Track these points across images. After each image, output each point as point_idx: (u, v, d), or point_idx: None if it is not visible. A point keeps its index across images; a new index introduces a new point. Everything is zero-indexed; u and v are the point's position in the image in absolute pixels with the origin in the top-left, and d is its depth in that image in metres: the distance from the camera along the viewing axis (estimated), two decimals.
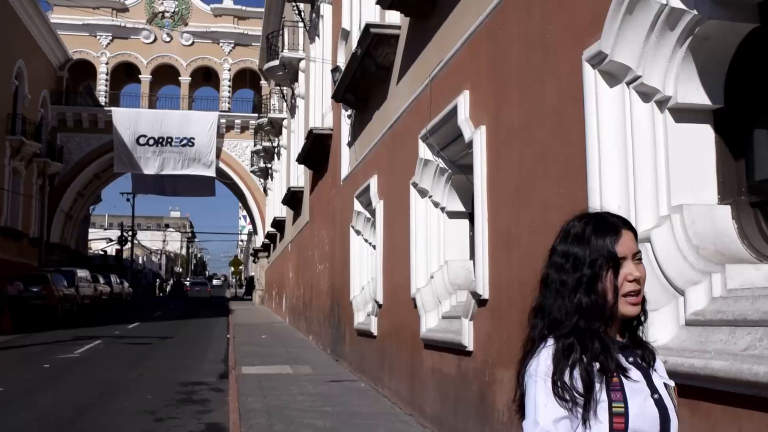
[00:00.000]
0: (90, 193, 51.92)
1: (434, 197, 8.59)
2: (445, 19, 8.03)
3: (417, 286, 8.63)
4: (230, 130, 49.19)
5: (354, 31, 13.65)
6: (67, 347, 18.60)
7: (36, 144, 40.60)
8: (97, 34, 48.56)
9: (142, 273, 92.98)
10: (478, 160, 6.72)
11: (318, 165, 19.20)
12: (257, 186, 48.42)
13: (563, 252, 2.02)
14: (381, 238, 11.12)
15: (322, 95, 18.94)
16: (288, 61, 26.18)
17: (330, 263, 16.90)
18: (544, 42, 5.48)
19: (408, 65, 9.74)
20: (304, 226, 22.94)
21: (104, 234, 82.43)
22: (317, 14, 19.76)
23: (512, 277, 6.04)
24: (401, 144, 9.87)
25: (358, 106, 13.11)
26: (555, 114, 5.27)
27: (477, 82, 6.97)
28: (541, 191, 5.51)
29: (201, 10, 50.45)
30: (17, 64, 38.87)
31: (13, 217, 38.46)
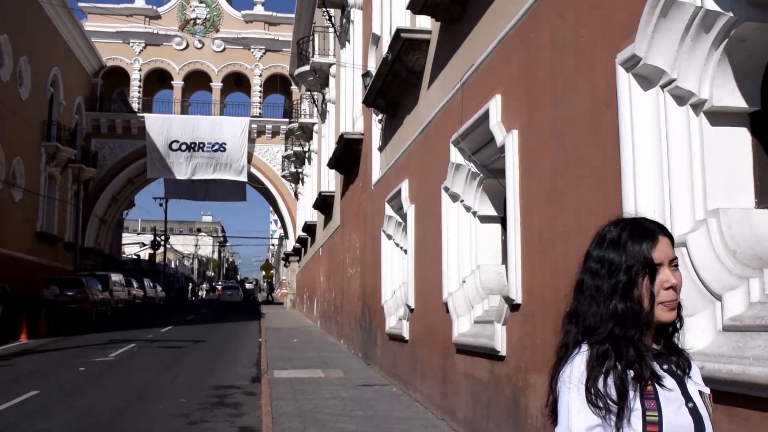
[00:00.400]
0: (124, 198, 52.53)
1: (466, 201, 8.57)
2: (476, 24, 8.02)
3: (449, 291, 8.62)
4: (261, 135, 49.49)
5: (384, 36, 13.67)
6: (102, 350, 18.82)
7: (71, 150, 41.18)
8: (130, 42, 49.15)
9: (174, 277, 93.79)
10: (510, 164, 6.71)
11: (349, 169, 19.26)
12: (288, 190, 48.65)
13: (598, 257, 2.01)
14: (412, 242, 11.11)
15: (353, 100, 18.99)
16: (318, 66, 26.29)
17: (361, 267, 16.93)
18: (577, 45, 5.46)
19: (439, 70, 9.74)
20: (335, 230, 23.00)
21: (137, 238, 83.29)
22: (347, 19, 19.82)
23: (545, 281, 6.01)
24: (432, 148, 9.87)
25: (388, 111, 13.12)
26: (588, 118, 5.25)
27: (509, 86, 6.95)
28: (574, 196, 5.48)
29: (232, 16, 50.84)
30: (53, 71, 39.48)
31: (49, 222, 39.03)
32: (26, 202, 35.41)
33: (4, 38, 31.98)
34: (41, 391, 12.21)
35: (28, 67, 35.25)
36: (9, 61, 32.75)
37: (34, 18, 35.90)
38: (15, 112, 32.82)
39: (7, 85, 32.49)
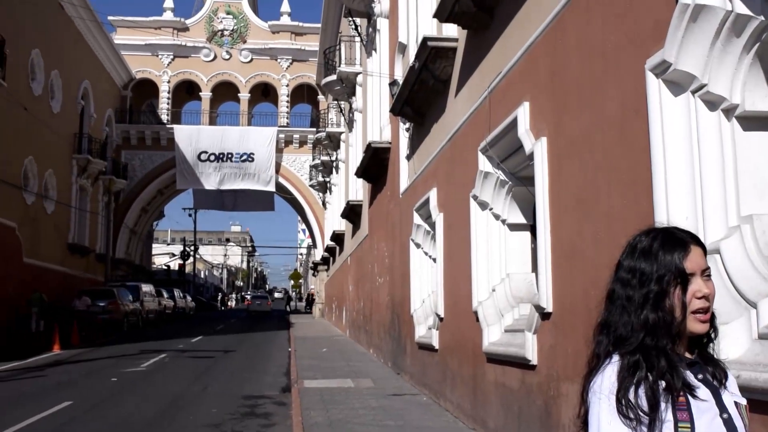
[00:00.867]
0: (153, 209, 53.02)
1: (495, 209, 8.54)
2: (503, 31, 8.01)
3: (479, 299, 8.58)
4: (289, 144, 49.74)
5: (411, 44, 13.68)
6: (134, 361, 18.97)
7: (101, 162, 41.66)
8: (158, 54, 49.70)
9: (204, 287, 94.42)
10: (539, 171, 6.67)
11: (376, 178, 19.28)
12: (316, 200, 48.82)
13: (630, 267, 1.99)
14: (441, 251, 11.09)
15: (380, 109, 19.03)
16: (345, 75, 26.39)
17: (390, 276, 16.92)
18: (605, 51, 5.43)
19: (466, 78, 9.73)
20: (363, 239, 23.02)
21: (167, 249, 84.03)
22: (374, 29, 19.88)
23: (576, 290, 5.97)
24: (460, 156, 9.85)
25: (416, 119, 13.13)
26: (617, 124, 5.21)
27: (537, 94, 6.92)
28: (604, 202, 5.44)
29: (259, 27, 51.21)
30: (83, 84, 40.01)
31: (80, 233, 39.49)
32: (58, 214, 35.86)
33: (36, 53, 32.47)
34: (74, 402, 12.33)
35: (59, 80, 35.75)
36: (41, 75, 33.25)
37: (65, 32, 36.43)
38: (47, 126, 33.29)
39: (39, 99, 32.97)
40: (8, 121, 28.89)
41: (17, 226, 30.30)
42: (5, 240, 28.85)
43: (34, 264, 32.16)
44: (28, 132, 31.17)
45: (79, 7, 36.41)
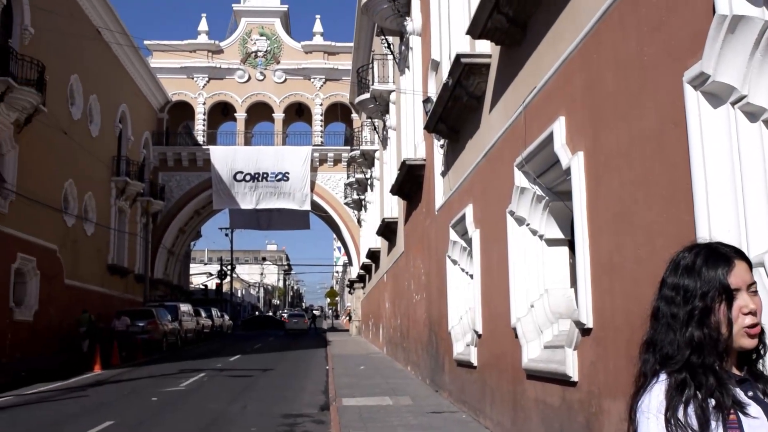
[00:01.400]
0: (191, 229, 53.61)
1: (532, 225, 8.49)
2: (537, 46, 8.00)
3: (517, 316, 8.53)
4: (323, 163, 50.02)
5: (444, 61, 13.71)
6: (173, 380, 19.12)
7: (139, 184, 42.26)
8: (194, 76, 50.39)
9: (241, 306, 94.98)
10: (576, 186, 6.63)
11: (411, 195, 19.29)
12: (351, 217, 48.97)
13: (673, 284, 1.98)
14: (478, 267, 11.05)
15: (414, 126, 19.06)
16: (378, 93, 26.51)
17: (426, 293, 16.89)
18: (641, 64, 5.39)
19: (500, 93, 9.72)
20: (399, 256, 23.02)
21: (204, 269, 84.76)
22: (406, 46, 19.96)
23: (616, 305, 5.91)
24: (496, 172, 9.83)
25: (450, 136, 13.13)
26: (656, 137, 5.16)
27: (572, 108, 6.89)
28: (643, 217, 5.39)
29: (292, 47, 51.70)
30: (121, 108, 40.70)
31: (120, 254, 40.03)
32: (98, 236, 36.40)
33: (75, 78, 33.12)
34: (116, 421, 12.45)
35: (98, 104, 36.41)
36: (80, 99, 33.89)
37: (103, 57, 37.12)
38: (86, 149, 33.87)
39: (78, 123, 33.58)
40: (49, 145, 29.47)
41: (58, 249, 30.83)
42: (47, 262, 29.34)
43: (75, 285, 32.66)
44: (67, 155, 31.76)
45: (117, 33, 37.10)
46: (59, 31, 29.58)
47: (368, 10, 21.40)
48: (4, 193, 25.97)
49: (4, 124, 26.00)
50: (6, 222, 25.88)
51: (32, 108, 26.94)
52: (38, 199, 27.92)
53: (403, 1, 19.57)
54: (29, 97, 26.41)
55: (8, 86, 25.12)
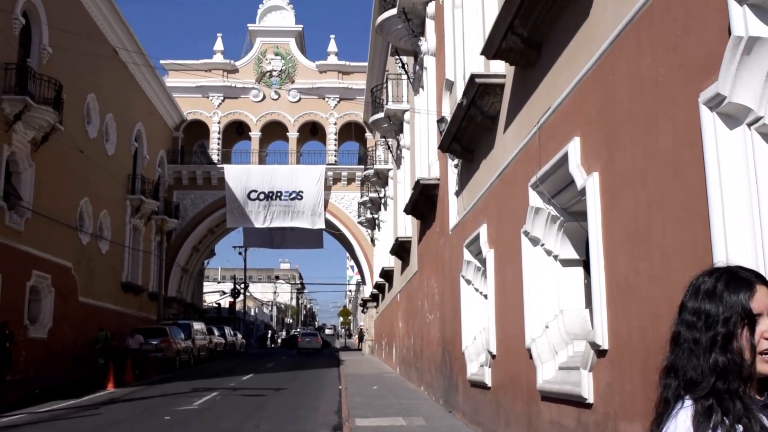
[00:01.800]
0: (204, 247, 53.77)
1: (546, 245, 8.47)
2: (552, 67, 8.01)
3: (532, 336, 8.48)
4: (337, 182, 50.14)
5: (458, 81, 13.75)
6: (186, 399, 19.10)
7: (154, 202, 42.49)
8: (209, 95, 50.74)
9: (254, 324, 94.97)
10: (592, 207, 6.62)
11: (425, 215, 19.29)
12: (364, 236, 48.98)
13: (694, 309, 1.96)
14: (492, 287, 11.02)
15: (428, 145, 19.10)
16: (393, 113, 26.58)
17: (440, 313, 16.84)
18: (657, 85, 5.39)
19: (514, 113, 9.73)
20: (412, 276, 22.98)
21: (218, 287, 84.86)
22: (420, 66, 20.05)
23: (632, 326, 5.87)
24: (510, 192, 9.82)
25: (464, 156, 13.14)
26: (671, 158, 5.15)
27: (587, 128, 6.89)
28: (659, 237, 5.37)
29: (307, 67, 52.01)
30: (137, 126, 41.01)
31: (134, 272, 40.18)
32: (112, 254, 36.57)
33: (91, 97, 33.42)
34: None
35: (113, 123, 36.69)
36: (96, 118, 34.17)
37: (119, 76, 37.47)
38: (102, 167, 34.11)
39: (94, 142, 33.84)
40: (65, 163, 29.70)
41: (73, 266, 30.99)
42: (62, 280, 29.49)
43: (89, 303, 32.79)
44: (83, 174, 31.99)
45: (133, 53, 37.43)
46: (77, 50, 29.89)
47: (383, 30, 21.52)
48: (21, 211, 26.16)
49: (21, 143, 26.24)
50: (22, 240, 26.05)
51: (49, 126, 27.19)
52: (54, 217, 28.10)
53: (417, 22, 19.67)
54: (46, 116, 26.67)
55: (26, 105, 25.38)
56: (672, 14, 5.15)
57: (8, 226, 25.22)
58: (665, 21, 5.25)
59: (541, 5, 7.80)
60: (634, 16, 5.77)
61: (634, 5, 5.76)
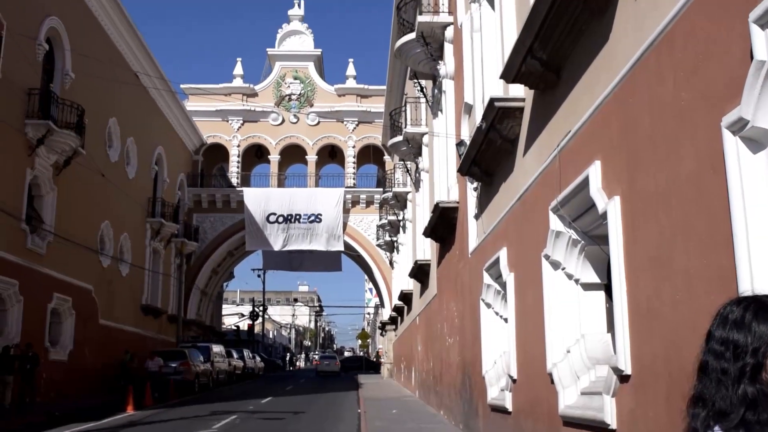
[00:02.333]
0: (224, 270, 53.93)
1: (567, 269, 8.42)
2: (571, 90, 8.02)
3: (553, 361, 8.42)
4: (356, 205, 50.22)
5: (477, 104, 13.78)
6: (206, 422, 19.07)
7: (174, 225, 42.72)
8: (229, 119, 51.12)
9: (272, 347, 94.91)
10: (613, 231, 6.59)
11: (444, 238, 19.27)
12: (383, 259, 48.95)
13: (722, 339, 1.95)
14: (513, 311, 10.96)
15: (447, 168, 19.11)
16: (411, 136, 26.64)
17: (460, 336, 16.77)
18: (678, 109, 5.38)
19: (534, 137, 9.73)
20: (431, 299, 22.92)
21: (237, 309, 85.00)
22: (439, 90, 20.11)
23: (655, 351, 5.82)
24: (530, 215, 9.80)
25: (483, 179, 13.13)
26: (694, 182, 5.13)
27: (608, 152, 6.88)
28: (682, 262, 5.33)
29: (325, 91, 52.30)
30: (157, 150, 41.36)
31: (153, 295, 40.35)
32: (132, 277, 36.76)
33: (113, 121, 33.77)
34: None
35: (134, 147, 37.04)
36: (117, 142, 34.51)
37: (141, 101, 37.87)
38: (123, 191, 34.39)
39: (115, 165, 34.15)
40: (86, 187, 29.97)
41: (94, 289, 31.16)
42: (83, 302, 29.66)
43: (110, 325, 32.95)
44: (104, 197, 32.26)
45: (154, 78, 37.84)
46: (99, 75, 30.25)
47: (401, 54, 21.62)
48: (43, 234, 26.39)
49: (43, 167, 26.53)
50: (43, 262, 26.26)
51: (71, 151, 27.49)
52: (75, 240, 28.30)
53: (435, 46, 19.77)
54: (69, 140, 26.97)
55: (48, 129, 25.68)
56: (693, 38, 5.15)
57: (30, 249, 25.45)
58: (686, 45, 5.25)
59: (560, 29, 7.82)
60: (654, 40, 5.78)
61: (654, 29, 5.77)
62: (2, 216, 22.91)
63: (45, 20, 26.56)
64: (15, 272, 24.13)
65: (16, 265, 24.29)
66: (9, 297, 24.02)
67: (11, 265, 23.93)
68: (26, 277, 24.81)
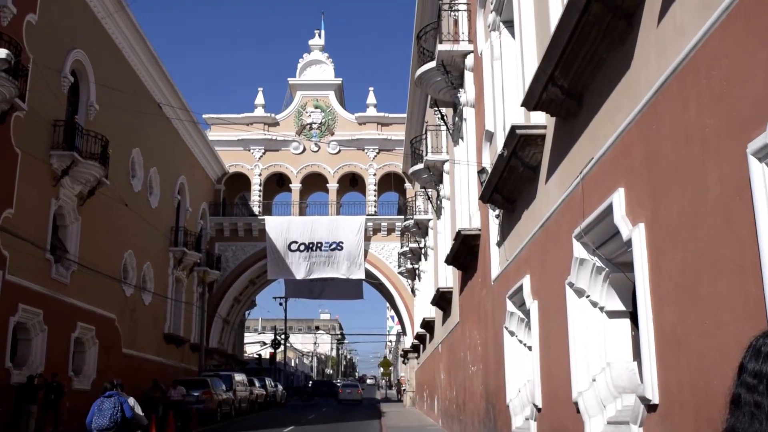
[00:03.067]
0: (245, 298, 54.01)
1: (592, 297, 8.36)
2: (593, 118, 8.01)
3: (578, 390, 8.34)
4: (377, 232, 50.22)
5: (498, 132, 13.80)
6: None
7: (196, 254, 42.91)
8: (250, 148, 51.46)
9: (294, 375, 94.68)
10: (638, 258, 6.55)
11: (467, 265, 19.21)
12: (405, 286, 48.82)
13: (755, 371, 1.93)
14: (537, 339, 10.88)
15: (468, 196, 19.10)
16: (432, 163, 26.69)
17: (483, 364, 16.65)
18: (702, 135, 5.36)
19: (556, 164, 9.71)
20: (454, 326, 22.81)
21: (258, 337, 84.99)
22: (460, 117, 20.16)
23: (682, 380, 5.75)
24: (553, 243, 9.76)
25: (506, 206, 13.11)
26: (719, 209, 5.10)
27: (632, 179, 6.85)
28: (708, 289, 5.28)
29: (346, 119, 52.56)
30: (180, 180, 41.68)
31: (176, 323, 40.46)
32: (155, 305, 36.91)
33: (136, 151, 34.13)
34: None
35: (157, 176, 37.37)
36: (141, 172, 34.85)
37: (163, 131, 38.27)
38: (146, 220, 34.65)
39: (138, 195, 34.45)
40: (110, 216, 30.24)
41: (117, 318, 31.31)
42: (105, 331, 29.80)
43: (132, 354, 33.04)
44: (127, 226, 32.52)
45: (177, 108, 38.26)
46: (123, 106, 30.64)
47: (421, 82, 21.73)
48: (67, 263, 26.61)
49: (68, 197, 26.81)
50: (67, 292, 26.45)
51: (95, 181, 27.78)
52: (99, 270, 28.51)
53: (456, 74, 19.85)
54: (93, 171, 27.26)
55: (73, 160, 25.99)
56: (717, 65, 5.15)
57: (55, 278, 25.65)
58: (710, 71, 5.24)
59: (581, 57, 7.83)
60: (677, 67, 5.77)
61: (677, 56, 5.77)
62: (27, 246, 23.15)
63: (70, 53, 27.00)
64: (39, 302, 24.32)
65: (41, 295, 24.49)
66: (33, 326, 24.19)
67: (36, 294, 24.12)
68: (50, 307, 24.99)
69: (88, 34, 28.65)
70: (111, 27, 30.81)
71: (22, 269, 23.01)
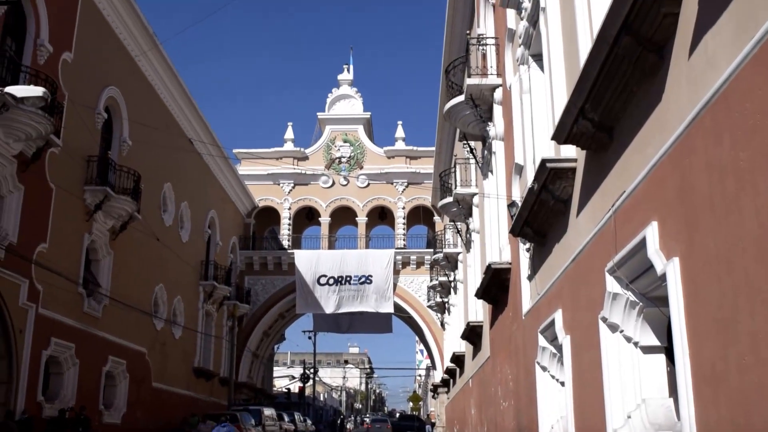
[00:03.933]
0: (275, 332, 54.01)
1: (626, 332, 8.24)
2: (624, 151, 7.96)
3: (613, 427, 8.19)
4: (406, 266, 50.12)
5: (528, 165, 13.76)
6: None
7: (226, 288, 43.09)
8: (280, 182, 51.80)
9: (323, 410, 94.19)
10: (673, 293, 6.45)
11: (497, 299, 19.07)
12: (434, 320, 48.56)
13: None
14: (569, 374, 10.73)
15: (498, 229, 19.02)
16: (461, 197, 26.64)
17: (515, 400, 16.44)
18: (737, 168, 5.30)
19: (587, 197, 9.65)
20: (484, 361, 22.59)
21: (287, 371, 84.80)
22: (489, 151, 20.15)
23: (722, 417, 5.62)
24: (586, 277, 9.66)
25: (536, 240, 13.02)
26: (757, 242, 5.01)
27: (665, 212, 6.78)
28: (747, 324, 5.18)
29: (375, 153, 52.79)
30: (210, 214, 42.03)
31: (205, 357, 40.54)
32: (185, 339, 37.03)
33: (168, 186, 34.51)
34: None
35: (188, 211, 37.72)
36: (172, 206, 35.20)
37: (194, 166, 38.71)
38: (177, 254, 34.91)
39: (169, 229, 34.77)
40: (141, 250, 30.52)
41: (147, 351, 31.44)
42: (136, 365, 29.92)
43: (162, 388, 33.11)
44: (159, 261, 32.78)
45: (208, 144, 38.70)
46: (155, 142, 31.08)
47: (450, 116, 21.79)
48: (99, 297, 26.84)
49: (101, 231, 27.12)
50: (99, 326, 26.65)
51: (128, 216, 28.10)
52: (130, 303, 28.71)
53: (484, 108, 19.88)
54: (125, 206, 27.60)
55: (106, 195, 26.33)
56: (751, 97, 5.10)
57: (87, 312, 25.87)
58: (744, 104, 5.19)
59: (611, 90, 7.80)
60: (710, 99, 5.73)
61: (710, 88, 5.72)
62: (60, 280, 23.40)
63: (104, 90, 27.48)
64: (72, 336, 24.52)
65: (73, 329, 24.70)
66: (65, 360, 24.37)
67: (68, 328, 24.34)
68: (82, 341, 25.19)
69: (121, 72, 29.17)
70: (144, 65, 31.36)
71: (55, 303, 23.25)
